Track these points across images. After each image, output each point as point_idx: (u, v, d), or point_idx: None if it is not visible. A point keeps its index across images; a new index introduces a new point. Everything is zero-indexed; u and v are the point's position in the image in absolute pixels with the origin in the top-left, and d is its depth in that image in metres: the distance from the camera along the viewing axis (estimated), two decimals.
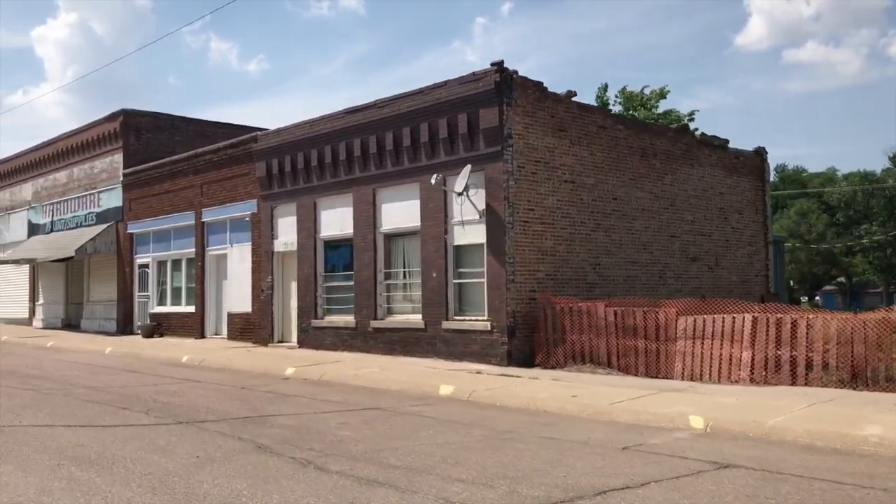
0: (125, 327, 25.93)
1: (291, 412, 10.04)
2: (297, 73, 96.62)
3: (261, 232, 20.76)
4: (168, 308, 24.47)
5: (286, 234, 20.13)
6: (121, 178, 26.34)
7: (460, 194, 15.32)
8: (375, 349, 17.33)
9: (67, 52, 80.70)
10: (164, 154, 26.09)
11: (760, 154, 21.63)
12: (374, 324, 17.48)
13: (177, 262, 24.40)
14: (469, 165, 15.15)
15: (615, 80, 59.38)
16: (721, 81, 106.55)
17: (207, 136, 27.46)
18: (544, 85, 15.78)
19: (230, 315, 21.80)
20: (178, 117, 27.75)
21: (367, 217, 17.82)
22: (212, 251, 22.79)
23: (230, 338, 21.69)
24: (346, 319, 18.27)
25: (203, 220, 22.90)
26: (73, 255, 25.79)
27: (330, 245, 19.12)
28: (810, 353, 11.68)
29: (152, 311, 25.00)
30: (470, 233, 15.64)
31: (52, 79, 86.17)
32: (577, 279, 16.19)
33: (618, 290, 16.89)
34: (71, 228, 29.14)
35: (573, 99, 16.51)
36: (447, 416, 9.90)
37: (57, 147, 30.27)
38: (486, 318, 15.23)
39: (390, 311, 17.57)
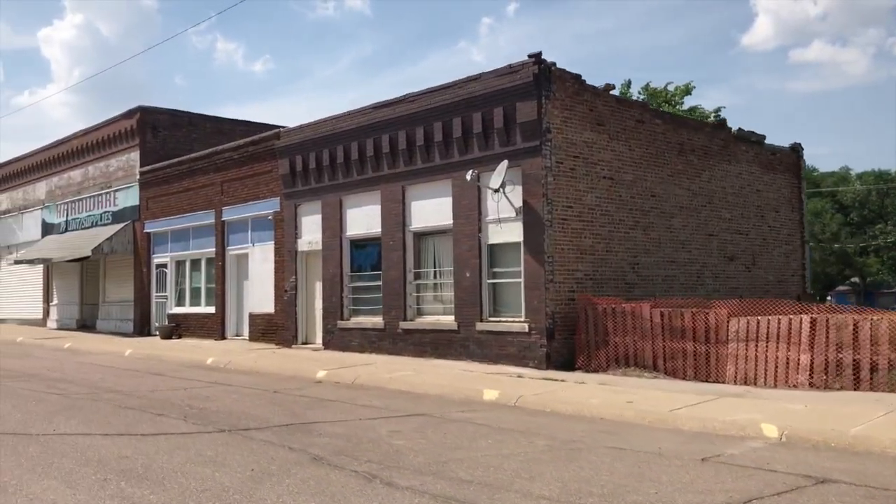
0: (142, 328, 25.45)
1: (335, 419, 9.52)
2: (302, 74, 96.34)
3: (284, 231, 20.25)
4: (187, 309, 23.98)
5: (310, 233, 19.62)
6: (137, 177, 25.88)
7: (496, 191, 14.78)
8: (405, 351, 16.80)
9: (74, 52, 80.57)
10: (181, 152, 25.63)
11: (796, 150, 21.04)
12: (404, 325, 16.95)
13: (196, 262, 23.91)
14: (506, 161, 14.62)
15: (621, 81, 58.61)
16: (727, 81, 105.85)
17: (225, 133, 27.03)
18: (582, 77, 15.24)
19: (252, 316, 21.30)
20: (194, 114, 27.29)
21: (396, 215, 17.29)
22: (232, 250, 22.29)
23: (251, 339, 21.19)
24: (373, 321, 17.75)
25: (223, 218, 22.40)
26: (89, 254, 25.33)
27: (356, 244, 18.60)
28: (875, 356, 11.10)
29: (170, 311, 24.51)
30: (506, 231, 15.09)
31: (58, 79, 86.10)
32: (616, 279, 15.63)
33: (656, 290, 16.33)
34: (86, 228, 28.70)
35: (611, 92, 15.96)
36: (499, 423, 9.37)
37: (71, 145, 29.84)
38: (523, 319, 14.69)
39: (420, 312, 17.04)
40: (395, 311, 17.20)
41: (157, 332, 24.24)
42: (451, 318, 16.02)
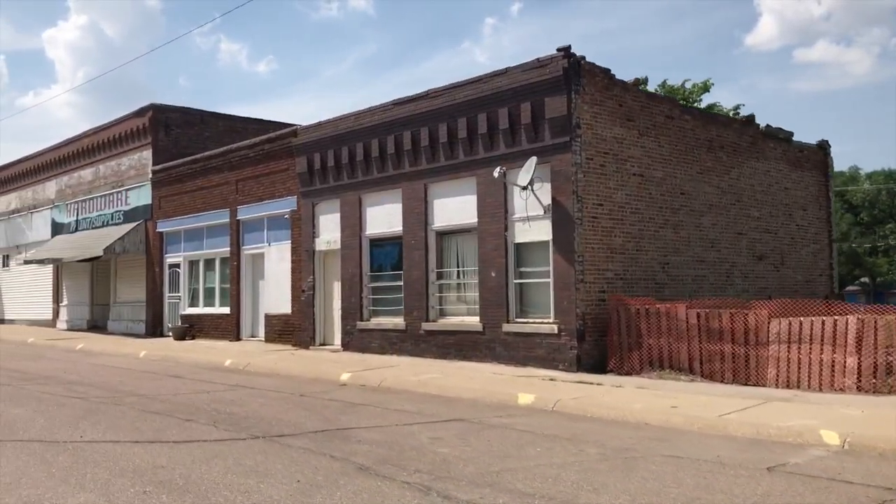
0: (155, 329, 25.09)
1: (370, 424, 9.13)
2: (306, 75, 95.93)
3: (301, 230, 19.86)
4: (200, 309, 23.60)
5: (328, 232, 19.23)
6: (150, 175, 25.51)
7: (524, 188, 14.37)
8: (428, 353, 16.40)
9: (78, 53, 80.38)
10: (193, 150, 25.27)
11: (824, 148, 20.60)
12: (426, 326, 16.55)
13: (210, 262, 23.53)
14: (534, 157, 14.21)
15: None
16: (731, 81, 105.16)
17: (237, 131, 26.68)
18: (612, 72, 14.83)
19: (268, 316, 20.91)
20: (207, 112, 26.92)
21: (418, 213, 16.89)
22: (248, 250, 21.91)
23: (268, 340, 20.81)
24: (394, 321, 17.35)
25: (238, 217, 22.02)
26: (101, 254, 24.97)
27: (376, 243, 18.20)
28: None
29: (184, 312, 24.14)
30: (533, 229, 14.68)
31: (62, 80, 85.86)
32: (647, 279, 15.21)
33: (686, 290, 15.92)
34: (97, 227, 28.35)
35: (640, 87, 15.54)
36: (541, 429, 8.96)
37: (82, 144, 29.49)
38: (551, 320, 14.28)
39: (443, 313, 16.63)
40: (416, 311, 16.80)
41: (171, 333, 23.87)
42: (476, 319, 15.62)
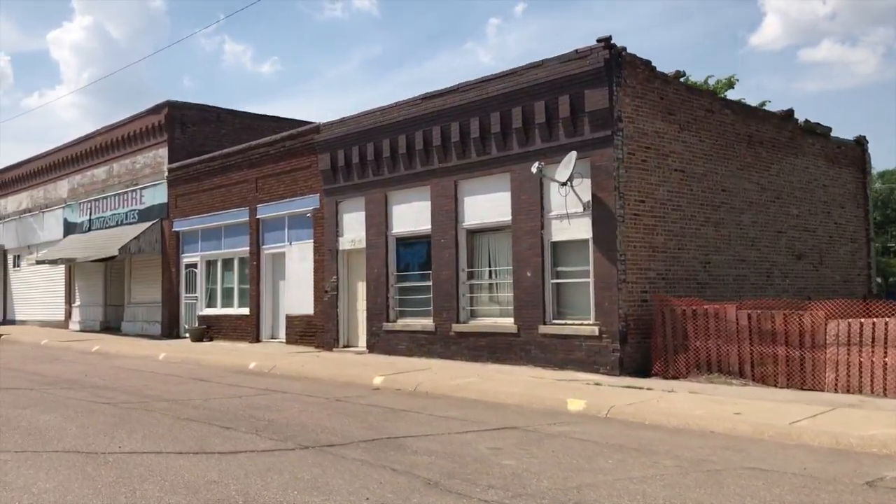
0: (171, 331, 24.60)
1: (421, 432, 8.59)
2: (310, 75, 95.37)
3: (324, 228, 19.34)
4: (218, 310, 23.10)
5: (353, 231, 18.70)
6: (166, 174, 25.03)
7: (563, 184, 13.82)
8: (458, 355, 15.86)
9: (83, 54, 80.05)
10: (209, 148, 24.81)
11: (861, 144, 20.02)
12: (457, 328, 16.01)
13: (228, 262, 23.03)
14: (574, 152, 13.66)
15: None
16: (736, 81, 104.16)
17: (254, 129, 26.20)
18: (652, 64, 14.28)
19: (289, 318, 20.40)
20: (223, 110, 26.43)
21: (448, 211, 16.36)
22: (268, 249, 21.40)
23: (289, 342, 20.29)
24: (423, 323, 16.81)
25: (258, 216, 21.51)
26: (116, 254, 24.49)
27: (403, 242, 17.67)
28: None
29: (201, 313, 23.64)
30: (572, 227, 14.13)
31: (67, 81, 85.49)
32: (688, 279, 14.66)
33: (727, 290, 15.37)
34: (111, 227, 27.89)
35: (680, 80, 15.00)
36: (603, 438, 8.42)
37: (95, 142, 29.03)
38: (592, 321, 13.73)
39: (474, 314, 16.09)
40: (446, 312, 16.26)
41: (188, 335, 23.38)
42: (510, 320, 15.08)
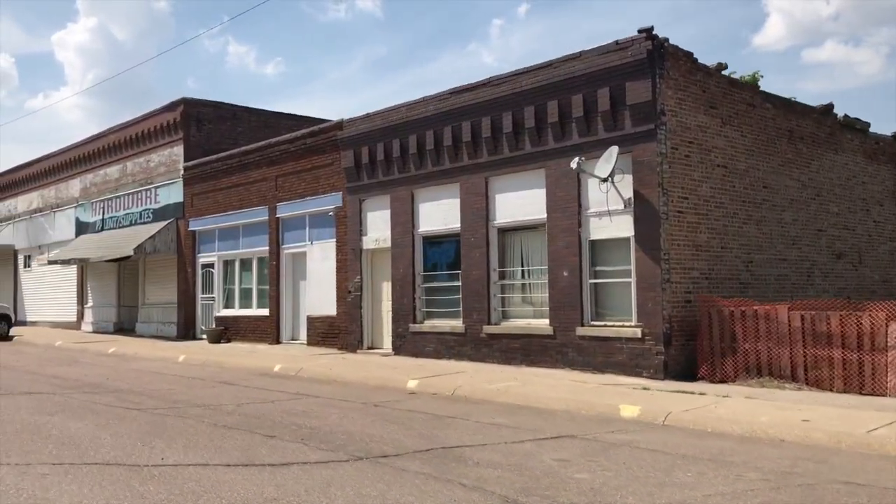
0: (187, 332, 24.12)
1: (475, 442, 8.08)
2: (314, 76, 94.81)
3: (347, 227, 18.84)
4: (236, 311, 22.61)
5: (377, 230, 18.20)
6: (181, 172, 24.56)
7: (604, 180, 13.30)
8: (490, 358, 15.35)
9: (87, 56, 79.68)
10: (225, 146, 24.35)
11: None
12: (488, 329, 15.50)
13: (246, 262, 22.55)
14: (616, 147, 13.14)
15: None
16: None
17: (270, 126, 25.75)
18: (694, 56, 13.76)
19: (310, 319, 19.90)
20: (240, 107, 25.97)
21: (478, 209, 15.85)
22: (288, 249, 20.91)
23: (310, 343, 19.80)
24: (452, 324, 16.30)
25: (278, 215, 21.02)
26: (131, 254, 24.03)
27: (430, 241, 17.16)
28: None
29: (218, 314, 23.16)
30: (612, 225, 13.61)
31: (72, 82, 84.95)
32: (731, 278, 14.12)
33: (769, 290, 14.83)
34: (124, 226, 27.44)
35: (723, 72, 14.48)
36: (670, 447, 7.90)
37: (108, 140, 28.59)
38: (634, 323, 13.21)
39: (506, 315, 15.58)
40: (477, 313, 15.75)
41: (205, 336, 22.90)
42: (545, 321, 14.56)
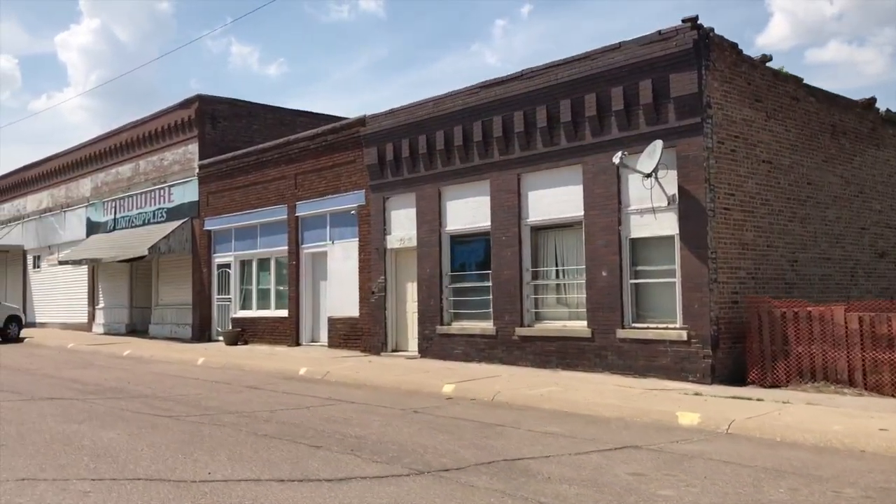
0: (202, 333, 23.61)
1: (536, 453, 7.54)
2: (316, 77, 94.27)
3: (370, 226, 18.32)
4: (254, 312, 22.10)
5: (401, 229, 17.67)
6: (196, 171, 24.06)
7: (647, 176, 12.77)
8: (522, 361, 14.81)
9: (90, 57, 79.26)
10: (240, 144, 23.84)
11: None
12: (520, 331, 14.96)
13: (264, 262, 22.03)
14: (660, 141, 12.60)
15: None
16: None
17: (286, 124, 25.27)
18: (739, 47, 13.21)
19: (331, 320, 19.37)
20: (255, 104, 25.47)
21: (510, 207, 15.31)
22: (308, 249, 20.38)
23: (331, 345, 19.27)
24: (482, 326, 15.77)
25: (297, 214, 20.49)
26: (145, 254, 23.52)
27: (458, 240, 16.62)
28: None
29: (235, 315, 22.64)
30: (654, 223, 13.07)
31: (75, 84, 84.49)
32: (777, 278, 13.57)
33: (814, 291, 14.28)
34: (137, 226, 26.94)
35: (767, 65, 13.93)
36: (745, 459, 7.36)
37: (120, 139, 28.11)
38: (679, 325, 12.65)
39: (539, 317, 15.04)
40: (508, 315, 15.21)
41: (221, 338, 22.39)
42: (582, 323, 14.02)
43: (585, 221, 14.02)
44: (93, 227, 29.84)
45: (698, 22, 12.54)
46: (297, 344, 20.29)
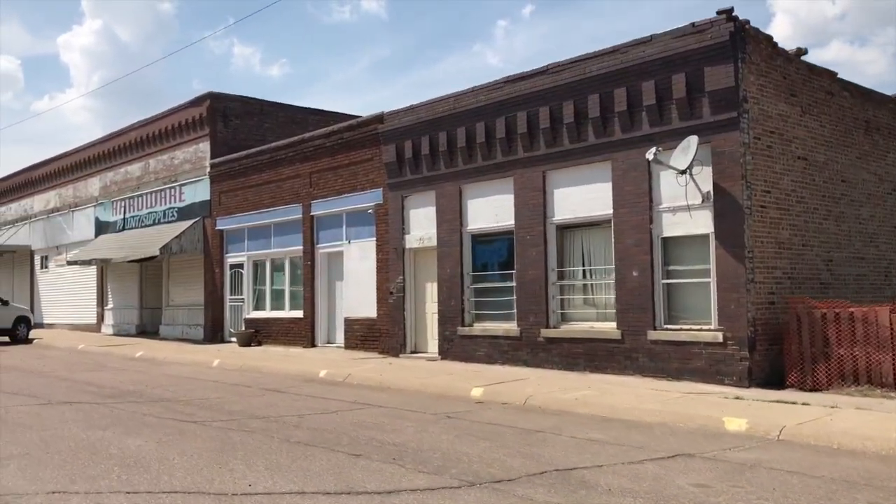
0: (214, 334, 23.24)
1: (587, 462, 7.16)
2: (319, 77, 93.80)
3: (388, 225, 17.94)
4: (267, 313, 21.73)
5: (420, 228, 17.29)
6: (208, 169, 23.70)
7: (683, 172, 12.37)
8: (548, 363, 14.43)
9: (93, 58, 78.94)
10: (252, 143, 23.48)
11: None
12: (546, 333, 14.56)
13: (278, 262, 21.66)
14: (695, 136, 12.19)
15: None
16: None
17: (298, 123, 24.91)
18: (774, 39, 12.82)
19: (348, 321, 19.00)
20: (267, 102, 25.08)
21: (535, 205, 14.92)
22: (323, 248, 20.01)
23: (348, 347, 18.90)
24: (505, 327, 15.38)
25: (313, 213, 20.11)
26: (157, 254, 23.15)
27: (480, 239, 16.24)
28: None
29: (248, 316, 22.27)
30: (688, 221, 12.67)
31: (77, 84, 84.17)
32: (812, 278, 13.18)
33: (849, 291, 13.88)
34: (147, 226, 26.59)
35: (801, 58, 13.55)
36: (808, 468, 6.98)
37: (129, 137, 27.75)
38: (713, 326, 12.26)
39: (565, 318, 14.65)
40: (533, 316, 14.82)
41: (234, 339, 22.04)
42: (612, 325, 13.63)
43: (615, 220, 13.63)
44: (102, 227, 29.50)
45: (733, 14, 12.15)
46: (313, 345, 19.92)
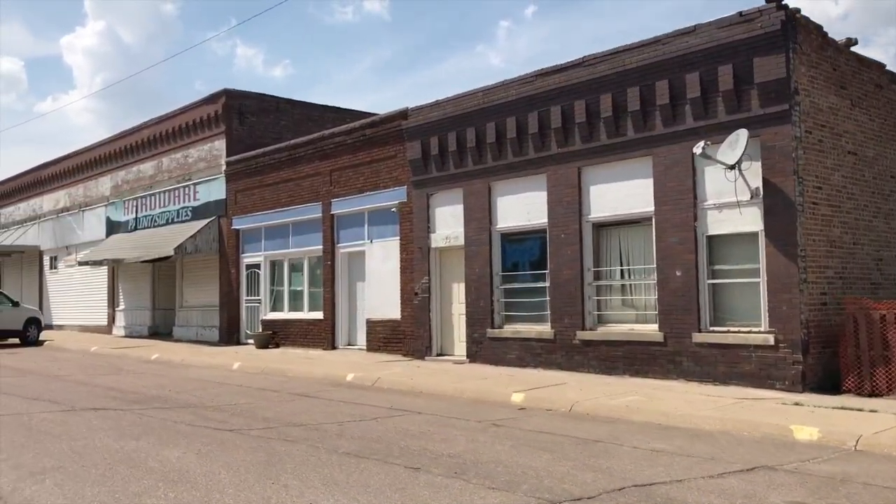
0: (230, 336, 22.73)
1: (665, 477, 6.64)
2: (321, 78, 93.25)
3: (412, 224, 17.42)
4: (285, 314, 21.22)
5: (447, 227, 16.77)
6: (223, 168, 23.20)
7: (731, 168, 11.84)
8: (585, 367, 13.90)
9: (96, 59, 78.57)
10: (267, 140, 22.98)
11: None
12: (582, 335, 14.04)
13: (296, 262, 21.15)
14: (744, 130, 11.66)
15: None
16: None
17: (314, 120, 24.42)
18: (824, 29, 12.29)
19: (370, 322, 18.49)
20: (283, 100, 24.57)
21: (569, 203, 14.41)
22: (344, 248, 19.49)
23: (370, 349, 18.38)
24: (538, 329, 14.85)
25: (333, 212, 19.60)
26: (171, 254, 22.64)
27: (510, 238, 15.72)
28: None
29: (265, 317, 21.77)
30: (738, 218, 12.13)
31: (80, 86, 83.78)
32: (863, 278, 12.65)
33: None
34: (160, 225, 26.10)
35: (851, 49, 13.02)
36: None
37: (141, 136, 27.26)
38: (763, 328, 11.72)
39: (602, 320, 14.12)
40: (568, 317, 14.30)
41: (251, 341, 21.54)
42: (653, 327, 13.10)
43: (656, 217, 13.10)
44: (113, 227, 29.01)
45: (783, 2, 11.63)
46: (333, 347, 19.40)
